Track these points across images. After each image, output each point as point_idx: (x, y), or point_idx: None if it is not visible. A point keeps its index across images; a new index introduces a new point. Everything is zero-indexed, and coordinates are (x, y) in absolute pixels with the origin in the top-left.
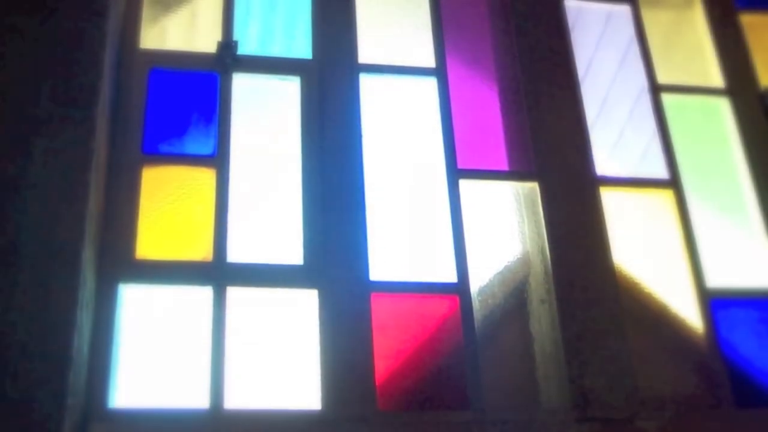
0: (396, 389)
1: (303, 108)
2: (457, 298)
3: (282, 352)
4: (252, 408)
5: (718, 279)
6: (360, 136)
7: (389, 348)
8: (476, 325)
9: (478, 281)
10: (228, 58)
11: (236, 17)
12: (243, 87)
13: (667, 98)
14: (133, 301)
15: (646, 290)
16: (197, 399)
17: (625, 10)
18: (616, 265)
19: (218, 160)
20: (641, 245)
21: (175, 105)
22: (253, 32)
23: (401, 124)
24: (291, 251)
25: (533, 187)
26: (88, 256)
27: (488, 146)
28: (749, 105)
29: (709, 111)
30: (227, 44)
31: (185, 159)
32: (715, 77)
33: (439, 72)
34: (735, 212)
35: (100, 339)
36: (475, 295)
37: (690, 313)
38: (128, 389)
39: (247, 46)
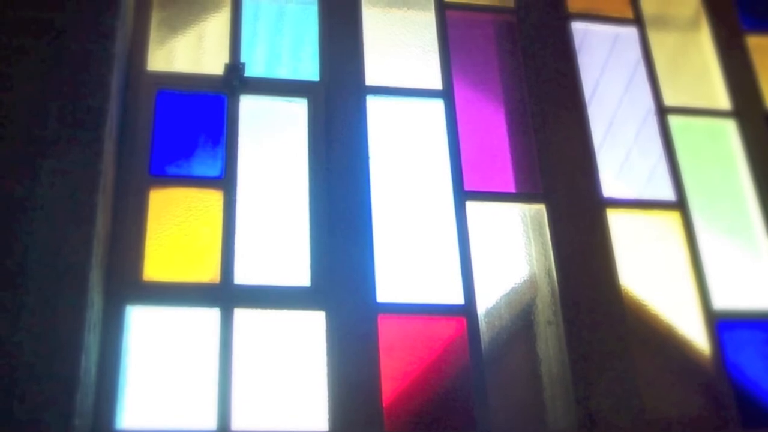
0: (403, 411)
1: (310, 130)
2: (464, 320)
3: (289, 373)
4: (259, 429)
5: (725, 301)
6: (367, 157)
7: (396, 369)
8: (483, 347)
9: (484, 303)
10: (235, 80)
11: (243, 39)
12: (250, 109)
13: (673, 120)
14: (141, 322)
15: (652, 312)
16: (204, 420)
17: (632, 32)
18: (622, 287)
19: (225, 181)
20: (648, 267)
21: (183, 127)
22: (260, 54)
23: (408, 145)
24: (298, 273)
25: (540, 208)
26: (95, 277)
27: (495, 168)
28: (756, 127)
29: (715, 133)
30: (234, 66)
31: (192, 181)
32: (722, 99)
33: (446, 94)
34: (741, 234)
35: (107, 360)
36: (482, 317)
37: (696, 335)
38: (136, 411)
39: (254, 68)
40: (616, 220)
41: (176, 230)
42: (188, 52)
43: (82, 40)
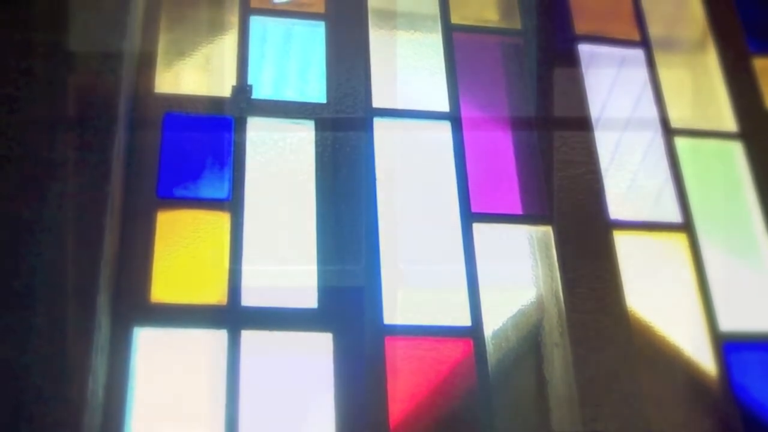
0: None
1: (317, 151)
2: (471, 342)
3: (296, 395)
4: None
5: (731, 322)
6: (374, 179)
7: (403, 391)
8: (490, 369)
9: (491, 325)
10: (242, 102)
11: (251, 62)
12: (257, 131)
13: (680, 142)
14: (148, 344)
15: (658, 333)
16: None
17: (639, 54)
18: (629, 309)
19: (232, 203)
20: (654, 289)
21: (190, 149)
22: (268, 76)
23: (415, 167)
24: (305, 295)
25: (547, 230)
26: (103, 299)
27: (502, 190)
28: (762, 149)
29: (722, 155)
30: (242, 88)
31: (200, 203)
32: (728, 121)
33: (453, 116)
34: (748, 256)
35: (115, 382)
36: (489, 339)
37: (703, 357)
38: None
39: (261, 90)
40: (623, 242)
41: (183, 252)
42: (195, 74)
43: (90, 62)
